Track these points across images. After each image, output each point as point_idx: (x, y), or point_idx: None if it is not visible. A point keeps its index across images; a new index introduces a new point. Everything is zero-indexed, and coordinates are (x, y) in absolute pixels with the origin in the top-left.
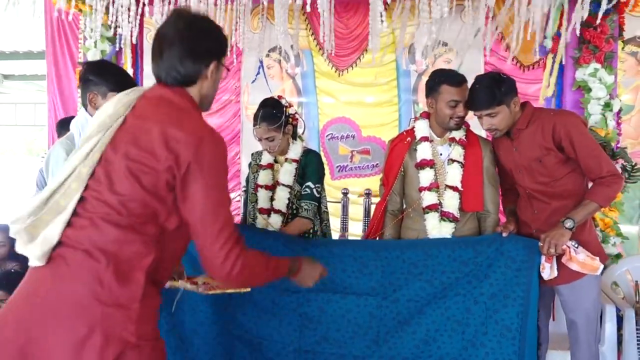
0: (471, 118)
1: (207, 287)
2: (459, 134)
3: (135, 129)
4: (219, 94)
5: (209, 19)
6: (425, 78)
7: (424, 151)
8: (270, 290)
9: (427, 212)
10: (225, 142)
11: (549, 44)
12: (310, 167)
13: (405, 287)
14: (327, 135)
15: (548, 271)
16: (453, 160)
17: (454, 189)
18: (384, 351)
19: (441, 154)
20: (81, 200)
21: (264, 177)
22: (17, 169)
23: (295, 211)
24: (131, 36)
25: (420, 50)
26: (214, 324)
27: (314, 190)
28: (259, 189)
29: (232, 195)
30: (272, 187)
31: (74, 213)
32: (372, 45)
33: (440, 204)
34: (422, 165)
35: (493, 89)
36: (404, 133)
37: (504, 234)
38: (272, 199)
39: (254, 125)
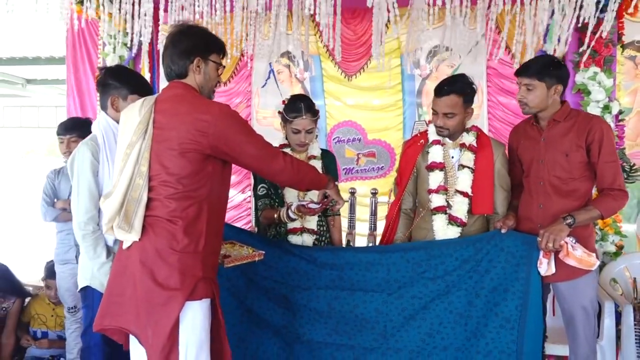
0: (476, 118)
1: (229, 261)
2: (469, 139)
3: (168, 123)
4: (230, 98)
5: (196, 26)
6: (429, 82)
7: (435, 154)
8: (281, 287)
9: (435, 214)
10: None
11: (550, 48)
12: (332, 167)
13: (409, 285)
14: (334, 139)
15: (545, 267)
16: (463, 166)
17: (464, 194)
18: (391, 343)
19: (452, 157)
20: (150, 189)
21: None
22: (39, 169)
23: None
24: (152, 42)
25: (425, 55)
26: (230, 314)
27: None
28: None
29: (243, 196)
30: None
31: (149, 199)
32: (374, 52)
33: (449, 206)
34: (432, 167)
35: (543, 64)
36: (418, 135)
37: (503, 230)
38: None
39: (295, 117)
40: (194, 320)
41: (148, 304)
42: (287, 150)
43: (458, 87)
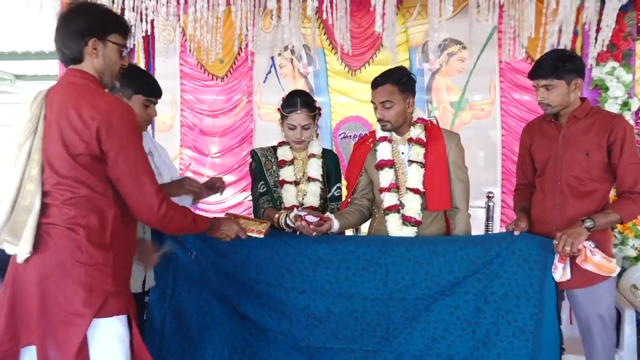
0: (488, 115)
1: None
2: (416, 132)
3: (57, 121)
4: (229, 93)
5: (89, 3)
6: (439, 77)
7: (383, 151)
8: (277, 291)
9: (388, 213)
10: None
11: (568, 43)
12: (334, 167)
13: (411, 287)
14: (339, 135)
15: (560, 272)
16: (412, 161)
17: (415, 191)
18: (394, 346)
19: (402, 153)
20: (45, 194)
21: (288, 173)
22: None
23: (322, 209)
24: (147, 37)
25: (434, 48)
26: (222, 324)
27: (340, 192)
28: (286, 185)
29: (245, 195)
30: (297, 183)
31: (44, 205)
32: (386, 43)
33: (401, 205)
34: (381, 165)
35: (557, 61)
36: (367, 134)
37: (516, 232)
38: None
39: (290, 112)
40: (107, 341)
41: (51, 324)
42: (285, 148)
43: (392, 76)
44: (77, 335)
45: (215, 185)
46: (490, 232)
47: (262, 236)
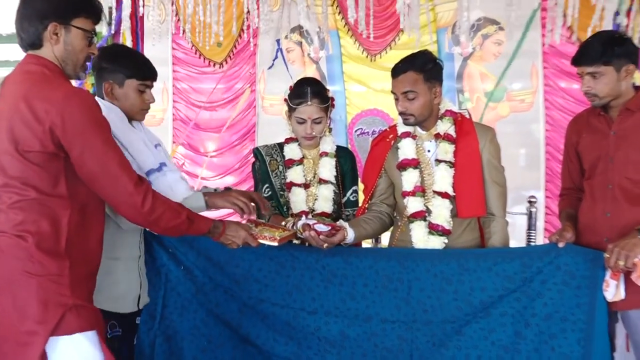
0: (529, 107)
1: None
2: (444, 127)
3: (8, 113)
4: (229, 82)
5: None
6: (471, 62)
7: (406, 149)
8: (282, 311)
9: (412, 221)
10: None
11: (623, 20)
12: (350, 167)
13: (438, 308)
14: (356, 131)
15: (613, 290)
16: (440, 161)
17: (443, 195)
18: None
19: (429, 151)
20: None
21: (296, 175)
22: None
23: (335, 216)
24: (135, 17)
25: (466, 29)
26: (220, 348)
27: (357, 196)
28: (294, 188)
29: None
30: (307, 186)
31: None
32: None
33: (428, 211)
34: (403, 165)
35: (605, 45)
36: (387, 129)
37: (560, 244)
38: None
39: (299, 103)
40: None
41: (2, 345)
42: (293, 145)
43: (416, 62)
44: (32, 357)
45: (261, 207)
46: (532, 244)
47: (276, 244)
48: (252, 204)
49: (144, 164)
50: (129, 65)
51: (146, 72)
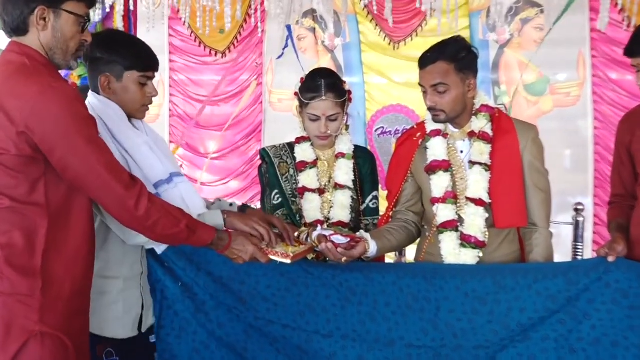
0: (576, 101)
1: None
2: (479, 125)
3: None
4: (232, 73)
5: None
6: (509, 51)
7: (435, 149)
8: (295, 334)
9: (442, 232)
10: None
11: None
12: (370, 170)
13: (470, 331)
14: (376, 130)
15: None
16: (474, 163)
17: (478, 202)
18: None
19: (462, 152)
20: None
21: (309, 179)
22: None
23: (353, 225)
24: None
25: (502, 13)
26: None
27: (377, 203)
28: (307, 194)
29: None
30: (322, 192)
31: None
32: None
33: (460, 220)
34: (433, 168)
35: None
36: (414, 127)
37: (610, 258)
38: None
39: (312, 98)
40: None
41: None
42: (306, 145)
43: (447, 51)
44: None
45: (285, 238)
46: (579, 258)
47: (289, 261)
48: (275, 231)
49: (151, 174)
50: (128, 55)
51: (148, 62)
